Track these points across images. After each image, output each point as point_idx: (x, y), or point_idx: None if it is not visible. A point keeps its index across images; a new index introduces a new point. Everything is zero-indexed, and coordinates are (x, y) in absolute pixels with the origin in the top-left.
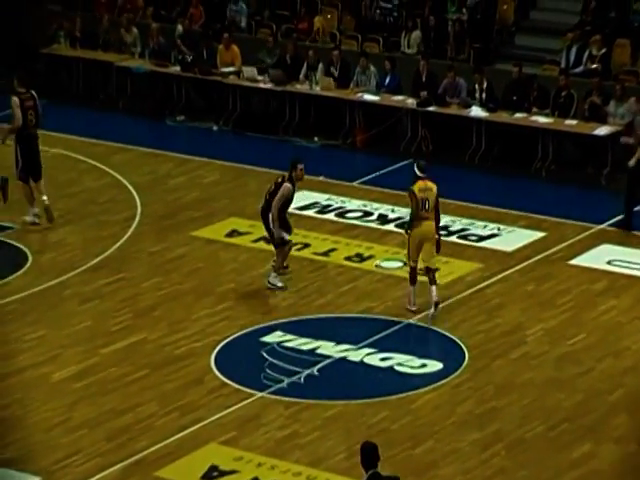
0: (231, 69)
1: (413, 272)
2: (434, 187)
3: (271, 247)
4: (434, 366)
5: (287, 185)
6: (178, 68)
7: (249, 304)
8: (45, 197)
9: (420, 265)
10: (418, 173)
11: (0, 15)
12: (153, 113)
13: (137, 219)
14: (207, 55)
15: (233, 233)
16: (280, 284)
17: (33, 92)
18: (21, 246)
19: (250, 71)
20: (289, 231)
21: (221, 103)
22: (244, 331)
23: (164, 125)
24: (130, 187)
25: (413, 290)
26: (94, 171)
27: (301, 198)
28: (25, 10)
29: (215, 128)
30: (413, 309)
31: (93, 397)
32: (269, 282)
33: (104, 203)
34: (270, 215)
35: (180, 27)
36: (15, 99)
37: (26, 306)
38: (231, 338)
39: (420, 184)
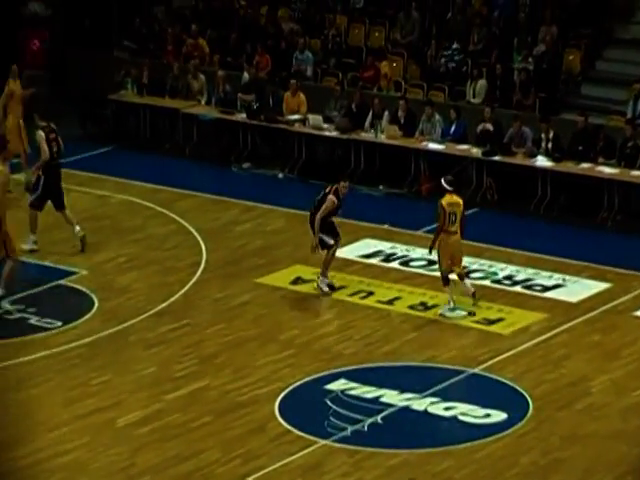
0: (297, 117)
1: (446, 276)
2: (461, 201)
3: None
4: (498, 416)
5: (332, 198)
6: (244, 115)
7: (313, 351)
8: (78, 227)
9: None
10: (447, 187)
11: (69, 62)
12: (219, 160)
13: (202, 265)
14: (273, 102)
15: (297, 280)
16: (326, 289)
17: (52, 125)
18: (87, 291)
19: (316, 119)
20: (336, 237)
21: (286, 150)
22: (308, 378)
23: (230, 172)
24: (195, 233)
25: (450, 289)
26: (160, 217)
27: (365, 246)
28: (93, 57)
29: (280, 175)
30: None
31: (157, 443)
32: (317, 286)
33: (170, 249)
34: (315, 221)
35: (246, 74)
36: (41, 133)
37: (92, 351)
38: (295, 385)
39: (448, 198)
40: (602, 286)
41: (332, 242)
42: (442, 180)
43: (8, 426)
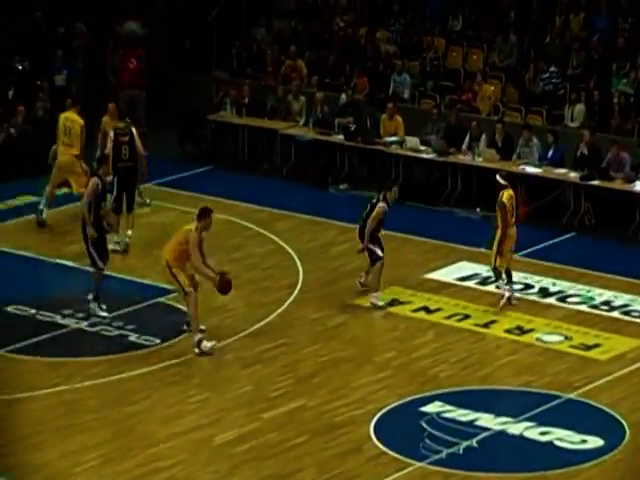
0: (394, 139)
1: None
2: (513, 193)
3: (427, 315)
4: (595, 442)
5: (382, 205)
6: (342, 137)
7: (409, 373)
8: (130, 232)
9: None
10: (502, 182)
11: (169, 82)
12: (316, 181)
13: (299, 286)
14: (371, 124)
15: (393, 302)
16: (380, 303)
17: (132, 129)
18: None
19: (413, 141)
20: (381, 249)
21: (383, 172)
22: (403, 400)
23: (327, 193)
24: (293, 254)
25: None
26: (258, 237)
27: (462, 269)
28: (193, 77)
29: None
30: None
31: (253, 462)
32: (370, 302)
33: (267, 269)
34: (365, 233)
35: (344, 96)
36: (111, 133)
37: (190, 369)
38: (390, 407)
39: (506, 193)
40: None
41: (381, 254)
42: (497, 176)
43: (109, 441)
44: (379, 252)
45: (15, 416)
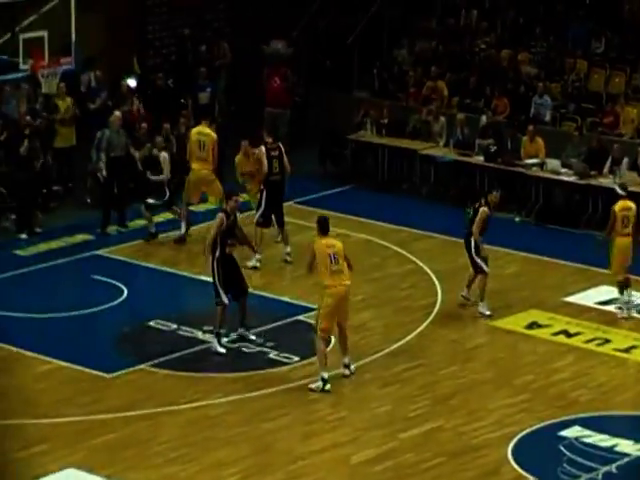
0: (535, 161)
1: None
2: (634, 206)
3: (566, 339)
4: None
5: (484, 209)
6: (482, 158)
7: (547, 397)
8: (289, 249)
9: None
10: (621, 192)
11: (310, 101)
12: (456, 202)
13: (437, 307)
14: (511, 146)
15: (533, 325)
16: (488, 312)
17: (280, 144)
18: None
19: (553, 163)
20: (486, 263)
21: (524, 194)
22: (542, 424)
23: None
24: (431, 274)
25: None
26: (397, 257)
27: (603, 293)
28: (334, 97)
29: (517, 219)
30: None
31: None
32: (478, 312)
33: (406, 289)
34: (472, 241)
35: (484, 118)
36: (262, 148)
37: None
38: (528, 430)
39: (621, 204)
40: None
41: (486, 269)
42: (617, 187)
43: (248, 457)
44: (484, 267)
45: (156, 430)
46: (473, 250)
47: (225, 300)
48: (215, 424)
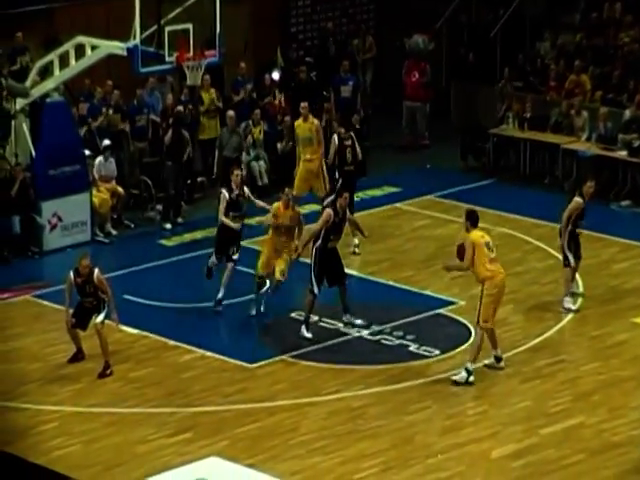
0: None
1: None
2: None
3: None
4: None
5: (577, 199)
6: (624, 153)
7: None
8: (357, 241)
9: None
10: None
11: (452, 95)
12: (598, 197)
13: (579, 302)
14: None
15: None
16: (574, 307)
17: (352, 134)
18: (465, 321)
19: None
20: (577, 255)
21: None
22: None
23: (609, 209)
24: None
25: None
26: (538, 252)
27: None
28: (476, 91)
29: None
30: None
31: (530, 477)
32: (563, 307)
33: (547, 284)
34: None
35: (628, 112)
36: (334, 137)
37: None
38: None
39: None
40: None
41: (572, 261)
42: None
43: (389, 450)
44: (571, 259)
45: (298, 421)
46: (565, 238)
47: (316, 290)
48: (356, 416)
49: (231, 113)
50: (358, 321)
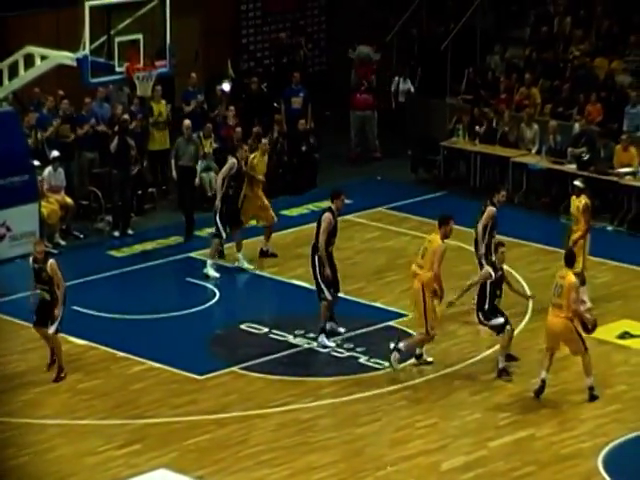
0: (628, 170)
1: None
2: None
3: None
4: None
5: (491, 208)
6: (574, 166)
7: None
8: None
9: None
10: None
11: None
12: (548, 210)
13: (528, 315)
14: (604, 155)
15: (625, 335)
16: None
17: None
18: (415, 333)
19: None
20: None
21: (616, 203)
22: (633, 434)
23: (558, 222)
24: (523, 282)
25: None
26: None
27: None
28: (427, 103)
29: (610, 228)
30: None
31: None
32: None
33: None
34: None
35: (577, 126)
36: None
37: (418, 393)
38: (619, 441)
39: None
40: None
41: (492, 273)
42: None
43: (339, 462)
44: (491, 271)
45: (247, 433)
46: (482, 250)
47: (329, 296)
48: (306, 428)
49: (187, 122)
50: (341, 329)
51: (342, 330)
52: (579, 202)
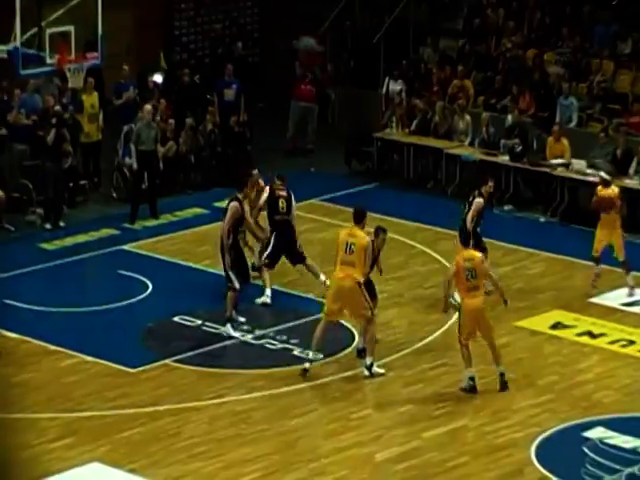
0: (560, 161)
1: None
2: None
3: (591, 340)
4: None
5: (479, 200)
6: (507, 158)
7: (571, 398)
8: (323, 277)
9: None
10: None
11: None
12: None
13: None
14: (537, 146)
15: (557, 325)
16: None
17: (283, 184)
18: (349, 326)
19: (579, 164)
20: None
21: (549, 194)
22: (565, 425)
23: (491, 214)
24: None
25: None
26: (422, 256)
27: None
28: (360, 95)
29: (542, 219)
30: None
31: None
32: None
33: (430, 288)
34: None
35: (510, 117)
36: (267, 188)
37: (352, 385)
38: (552, 431)
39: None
40: None
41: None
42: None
43: (272, 454)
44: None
45: (180, 426)
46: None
47: (237, 285)
48: (239, 420)
49: (149, 107)
50: (242, 319)
51: (242, 319)
52: (612, 190)
